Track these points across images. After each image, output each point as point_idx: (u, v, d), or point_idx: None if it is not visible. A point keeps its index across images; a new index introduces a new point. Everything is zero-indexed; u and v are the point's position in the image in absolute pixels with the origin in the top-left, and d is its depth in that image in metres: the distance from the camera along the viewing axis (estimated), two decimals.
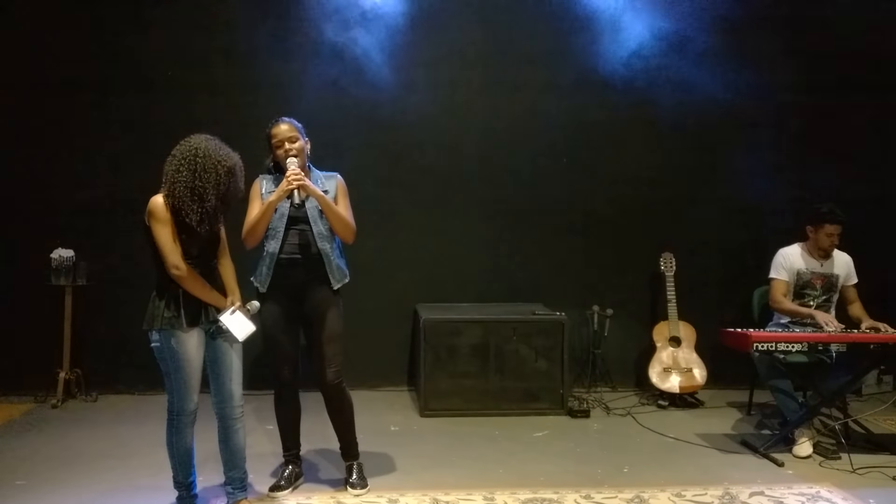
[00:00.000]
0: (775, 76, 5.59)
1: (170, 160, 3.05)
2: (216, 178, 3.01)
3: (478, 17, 5.44)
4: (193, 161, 3.00)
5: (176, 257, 3.01)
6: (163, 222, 3.01)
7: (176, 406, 3.12)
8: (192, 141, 3.07)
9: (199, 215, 3.00)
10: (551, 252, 5.58)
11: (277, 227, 3.45)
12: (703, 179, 5.63)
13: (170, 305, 3.05)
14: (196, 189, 2.98)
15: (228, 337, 3.17)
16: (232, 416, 3.24)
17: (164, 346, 3.07)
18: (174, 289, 3.06)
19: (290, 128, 3.48)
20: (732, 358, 4.70)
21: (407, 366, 5.55)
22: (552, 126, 5.50)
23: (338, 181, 3.63)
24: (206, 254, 3.17)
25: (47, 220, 5.18)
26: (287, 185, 3.33)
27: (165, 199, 3.02)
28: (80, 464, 3.95)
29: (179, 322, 3.04)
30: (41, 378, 5.09)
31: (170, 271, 3.02)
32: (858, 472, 3.91)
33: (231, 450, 3.27)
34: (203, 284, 3.11)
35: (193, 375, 3.10)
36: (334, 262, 3.52)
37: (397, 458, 4.07)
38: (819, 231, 4.51)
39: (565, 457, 4.16)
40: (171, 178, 3.01)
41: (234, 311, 3.17)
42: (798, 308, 4.51)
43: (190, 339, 3.07)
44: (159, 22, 5.21)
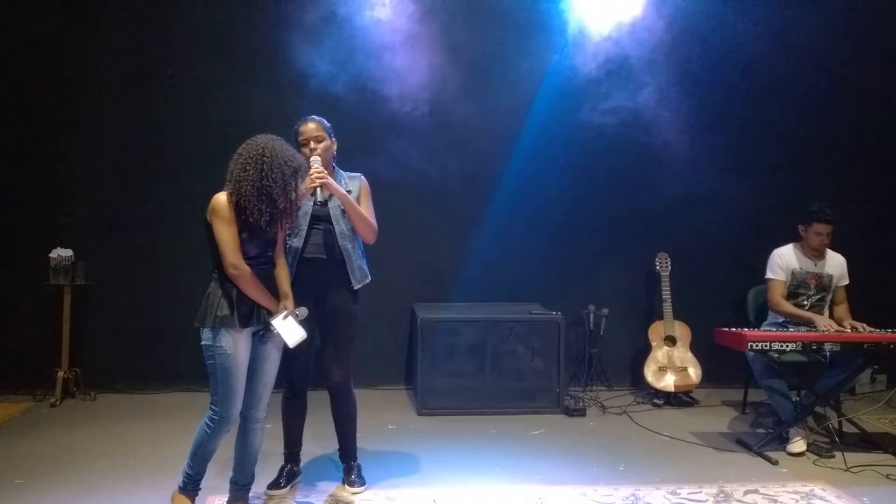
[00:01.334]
0: (771, 75, 5.62)
1: (235, 158, 3.03)
2: (283, 178, 3.00)
3: (473, 16, 5.46)
4: (260, 160, 2.98)
5: (236, 256, 2.99)
6: (225, 220, 2.99)
7: (220, 412, 3.07)
8: (258, 140, 3.05)
9: (269, 215, 2.98)
10: (547, 252, 5.61)
11: (301, 225, 3.44)
12: (697, 179, 5.65)
13: (224, 304, 3.02)
14: (264, 188, 2.96)
15: (277, 342, 3.15)
16: (255, 418, 3.23)
17: (214, 345, 3.02)
18: (229, 288, 3.04)
19: (317, 126, 3.48)
20: (727, 357, 4.73)
21: (404, 365, 5.57)
22: (548, 126, 5.51)
23: (361, 182, 3.64)
24: (263, 255, 3.14)
25: (46, 219, 5.19)
26: (310, 183, 3.32)
27: (229, 197, 2.99)
28: (79, 463, 3.96)
29: (232, 321, 3.01)
30: (40, 377, 5.09)
31: (228, 270, 2.99)
32: (852, 470, 3.94)
33: (246, 450, 3.26)
34: (259, 286, 3.07)
35: (240, 378, 3.07)
36: (355, 262, 3.53)
37: (395, 457, 4.10)
38: (809, 230, 4.54)
39: (561, 455, 4.18)
40: (236, 177, 2.99)
41: (286, 316, 3.13)
42: (798, 311, 4.53)
43: (240, 340, 3.04)
44: (160, 21, 5.22)
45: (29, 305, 5.18)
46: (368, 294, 5.25)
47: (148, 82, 5.25)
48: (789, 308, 4.56)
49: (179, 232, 4.93)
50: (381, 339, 5.47)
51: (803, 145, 5.67)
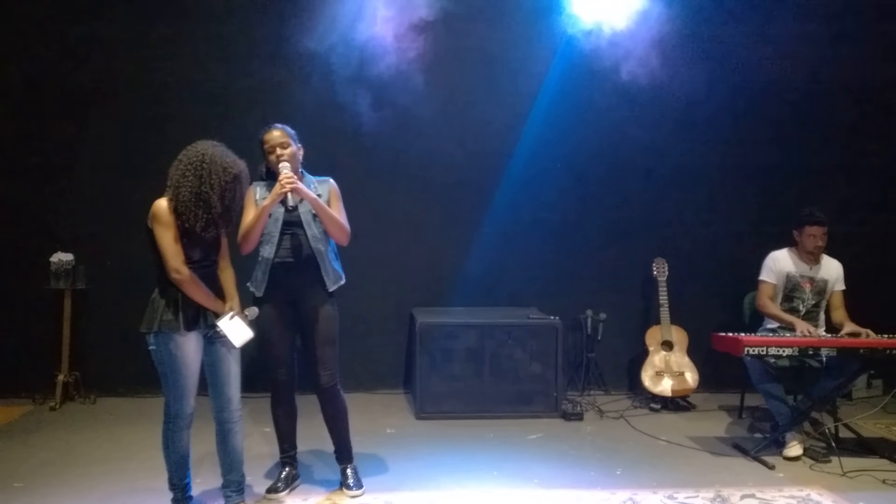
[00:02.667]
0: (770, 79, 5.64)
1: (175, 164, 3.07)
2: (222, 184, 3.03)
3: (474, 21, 5.47)
4: (200, 166, 3.02)
5: (177, 261, 3.03)
6: (165, 226, 3.03)
7: (172, 409, 3.14)
8: (198, 146, 3.09)
9: (205, 221, 3.02)
10: (546, 256, 5.63)
11: (272, 232, 3.48)
12: (695, 184, 5.68)
13: (168, 309, 3.07)
14: (202, 194, 3.00)
15: (226, 342, 3.20)
16: (230, 419, 3.27)
17: (161, 349, 3.08)
18: (173, 292, 3.08)
19: (281, 133, 3.51)
20: (724, 362, 4.74)
21: (403, 369, 5.58)
22: (546, 131, 5.53)
23: (330, 186, 3.66)
24: (206, 258, 3.19)
25: (47, 223, 5.22)
26: (280, 189, 3.35)
27: (169, 203, 3.03)
28: (78, 466, 3.98)
29: (177, 325, 3.06)
30: (40, 381, 5.12)
31: (170, 275, 3.04)
32: (848, 475, 3.95)
33: (229, 453, 3.30)
34: (203, 289, 3.13)
35: (190, 379, 3.12)
36: (329, 265, 3.55)
37: (393, 461, 4.11)
38: (803, 234, 4.57)
39: (559, 459, 4.19)
40: (175, 183, 3.03)
41: (232, 317, 3.19)
42: (781, 314, 4.58)
43: (187, 343, 3.09)
44: (161, 24, 5.24)
45: (29, 309, 5.20)
46: (367, 298, 5.30)
47: (150, 86, 5.28)
48: (773, 310, 4.60)
49: None
50: (379, 344, 5.48)
51: (801, 150, 5.69)
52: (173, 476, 3.23)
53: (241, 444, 3.32)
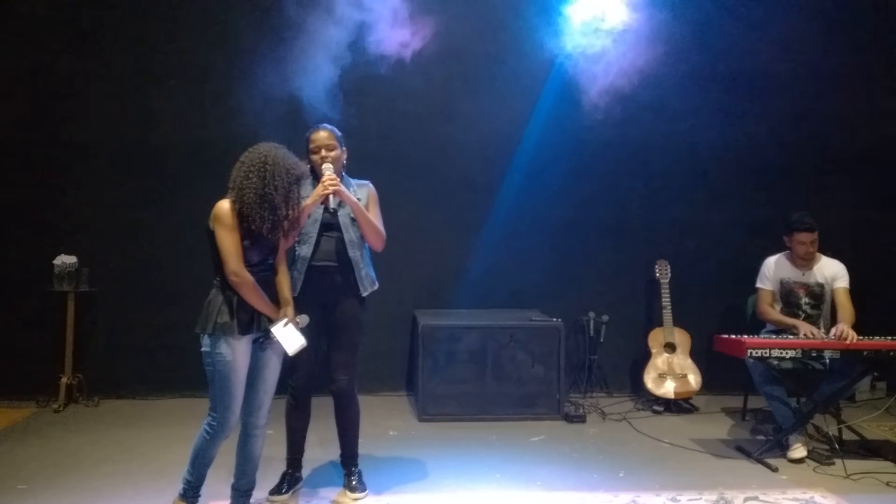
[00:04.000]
0: (771, 81, 5.65)
1: (238, 166, 3.05)
2: (286, 186, 3.02)
3: (477, 20, 5.48)
4: (263, 168, 3.00)
5: (237, 264, 3.00)
6: (228, 227, 3.00)
7: (219, 418, 3.08)
8: (260, 148, 3.07)
9: (271, 223, 3.00)
10: (548, 259, 5.63)
11: (310, 233, 3.47)
12: (697, 187, 5.68)
13: (224, 311, 3.03)
14: (266, 196, 2.98)
15: (277, 349, 3.17)
16: (256, 424, 3.24)
17: (213, 352, 3.04)
18: (230, 295, 3.05)
19: (329, 135, 3.50)
20: (727, 364, 4.73)
21: (405, 371, 5.59)
22: (548, 133, 5.54)
23: (369, 190, 3.66)
24: (264, 262, 3.16)
25: (50, 226, 5.23)
26: (323, 190, 3.35)
27: (232, 205, 3.01)
28: (82, 468, 3.98)
29: (232, 328, 3.02)
30: (43, 383, 5.13)
31: (229, 277, 3.01)
32: (852, 477, 3.95)
33: (247, 457, 3.28)
34: (259, 293, 3.08)
35: (238, 384, 3.08)
36: (364, 270, 3.55)
37: (395, 463, 4.12)
38: (792, 240, 4.56)
39: (562, 461, 4.20)
40: (239, 185, 3.01)
41: (286, 324, 3.14)
42: (783, 318, 4.56)
43: (239, 347, 3.06)
44: (163, 26, 5.26)
45: (33, 312, 5.21)
46: (370, 301, 5.27)
47: (153, 88, 5.29)
48: (774, 315, 4.60)
49: (183, 239, 4.95)
50: (382, 346, 5.48)
51: (803, 152, 5.69)
52: (192, 475, 3.19)
53: (259, 452, 3.30)
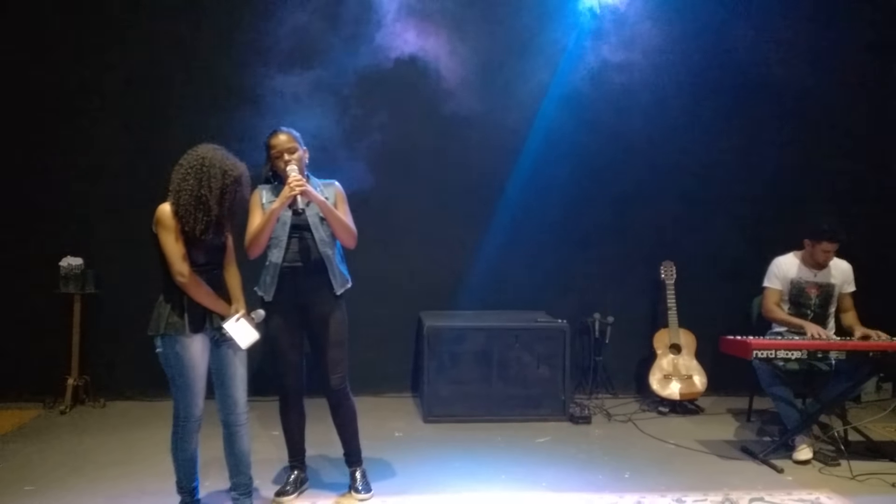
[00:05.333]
0: (777, 82, 5.62)
1: (177, 168, 3.10)
2: (221, 187, 3.06)
3: (482, 20, 5.48)
4: (200, 170, 3.05)
5: (181, 264, 3.06)
6: (169, 230, 3.06)
7: (181, 412, 3.17)
8: (198, 150, 3.11)
9: (204, 224, 3.04)
10: (553, 260, 5.62)
11: (280, 236, 3.49)
12: (703, 188, 5.67)
13: (174, 312, 3.10)
14: (202, 198, 3.03)
15: (232, 345, 3.22)
16: (237, 422, 3.28)
17: (168, 352, 3.11)
18: (179, 295, 3.11)
19: (288, 138, 3.51)
20: (732, 365, 4.72)
21: (411, 372, 5.59)
22: (554, 134, 5.54)
23: (336, 188, 3.67)
24: (212, 262, 3.22)
25: (56, 228, 5.24)
26: (289, 192, 3.36)
27: (172, 207, 3.06)
28: (88, 470, 4.00)
29: (183, 328, 3.08)
30: (50, 384, 5.14)
31: (175, 278, 3.06)
32: (858, 478, 3.95)
33: (236, 456, 3.32)
34: (208, 292, 3.15)
35: (198, 381, 3.15)
36: (336, 268, 3.56)
37: (401, 464, 4.12)
38: (816, 246, 4.52)
39: (567, 463, 4.20)
40: (176, 187, 3.06)
41: (238, 319, 3.21)
42: (789, 318, 4.56)
43: (194, 345, 3.11)
44: (169, 32, 5.26)
45: (39, 313, 5.22)
46: (375, 302, 5.31)
47: (160, 92, 5.29)
48: (780, 314, 4.59)
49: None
50: (387, 347, 5.48)
51: (808, 153, 5.68)
52: (181, 479, 3.26)
53: (247, 447, 3.34)
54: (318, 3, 5.30)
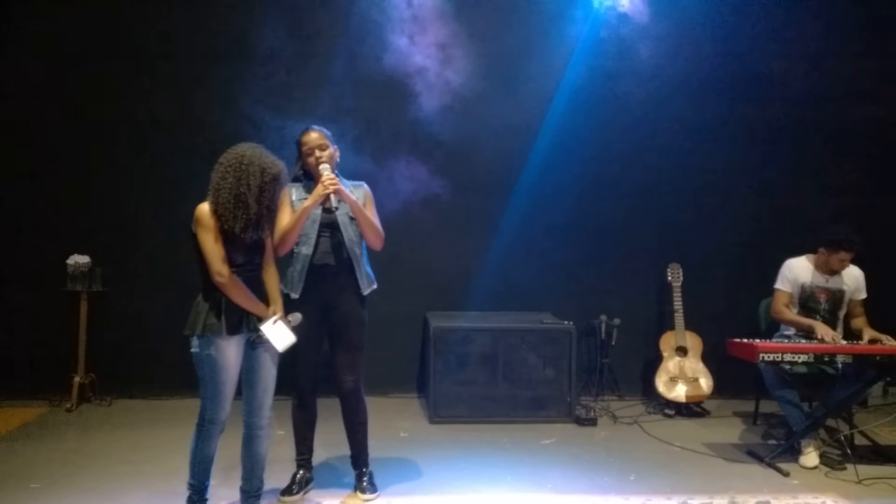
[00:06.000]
0: (785, 85, 5.63)
1: (216, 168, 3.07)
2: (260, 185, 3.03)
3: (489, 20, 5.48)
4: (238, 168, 3.02)
5: (220, 264, 3.02)
6: (208, 229, 3.02)
7: (208, 414, 3.12)
8: (237, 149, 3.09)
9: (244, 222, 3.01)
10: (560, 262, 5.62)
11: (309, 233, 3.48)
12: (710, 190, 5.66)
13: (212, 312, 3.06)
14: (241, 196, 3.00)
15: (268, 347, 3.19)
16: (259, 425, 3.26)
17: (202, 353, 3.06)
18: (217, 296, 3.07)
19: (319, 135, 3.51)
20: (739, 368, 4.72)
21: (417, 373, 5.59)
22: (561, 136, 5.53)
23: (365, 190, 3.67)
24: (250, 262, 3.17)
25: (63, 226, 5.25)
26: (323, 190, 3.36)
27: (211, 206, 3.03)
28: (95, 468, 4.00)
29: (220, 329, 3.04)
30: (56, 382, 5.15)
31: (213, 278, 3.02)
32: (864, 482, 3.93)
33: (252, 457, 3.30)
34: (246, 292, 3.11)
35: (229, 384, 3.10)
36: (364, 268, 3.57)
37: (407, 465, 4.12)
38: (833, 256, 4.47)
39: (573, 464, 4.19)
40: (215, 186, 3.03)
41: (275, 321, 3.16)
42: (798, 318, 4.54)
43: (229, 347, 3.08)
44: (180, 30, 5.29)
45: (46, 311, 5.23)
46: (381, 302, 5.27)
47: (167, 90, 5.31)
48: (790, 316, 4.57)
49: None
50: (393, 348, 5.48)
51: (817, 156, 5.67)
52: (194, 477, 3.22)
53: (265, 451, 3.32)
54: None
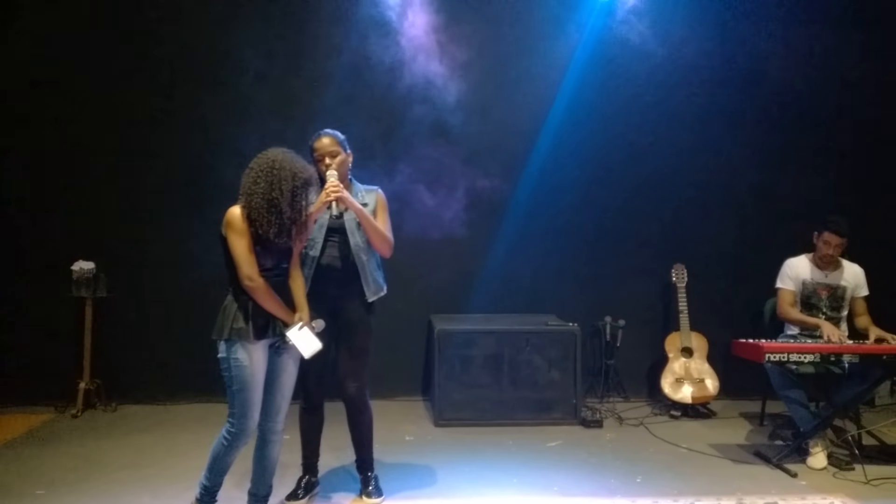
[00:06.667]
0: (792, 87, 5.61)
1: (247, 172, 3.07)
2: (292, 189, 3.03)
3: (489, 21, 5.48)
4: (270, 172, 3.02)
5: (251, 268, 3.02)
6: (239, 233, 3.02)
7: (237, 425, 3.09)
8: (269, 153, 3.09)
9: (278, 227, 3.01)
10: (564, 263, 5.61)
11: (316, 238, 3.48)
12: (714, 190, 5.65)
13: (239, 317, 3.06)
14: (273, 200, 3.00)
15: (293, 353, 3.18)
16: (274, 430, 3.25)
17: (230, 357, 3.06)
18: (245, 300, 3.07)
19: (331, 141, 3.50)
20: (745, 368, 4.70)
21: (421, 376, 5.59)
22: (564, 137, 5.52)
23: (378, 195, 3.66)
24: (279, 266, 3.17)
25: (68, 232, 5.26)
26: (325, 198, 3.35)
27: (243, 211, 3.03)
28: (100, 474, 4.00)
29: (248, 334, 3.04)
30: (61, 388, 5.15)
31: (243, 282, 3.03)
32: (872, 483, 3.91)
33: (264, 462, 3.29)
34: (274, 298, 3.11)
35: (256, 390, 3.09)
36: (370, 275, 3.55)
37: (412, 468, 4.11)
38: (820, 238, 4.52)
39: (579, 467, 4.18)
40: (248, 190, 3.03)
41: (301, 327, 3.16)
42: (805, 317, 4.53)
43: (256, 353, 3.07)
44: (186, 39, 5.29)
45: (51, 317, 5.24)
46: (385, 305, 5.26)
47: (173, 96, 5.31)
48: (796, 315, 4.56)
49: (200, 245, 4.96)
50: (398, 351, 5.47)
51: (820, 156, 5.64)
52: (210, 480, 3.19)
53: (276, 456, 3.31)
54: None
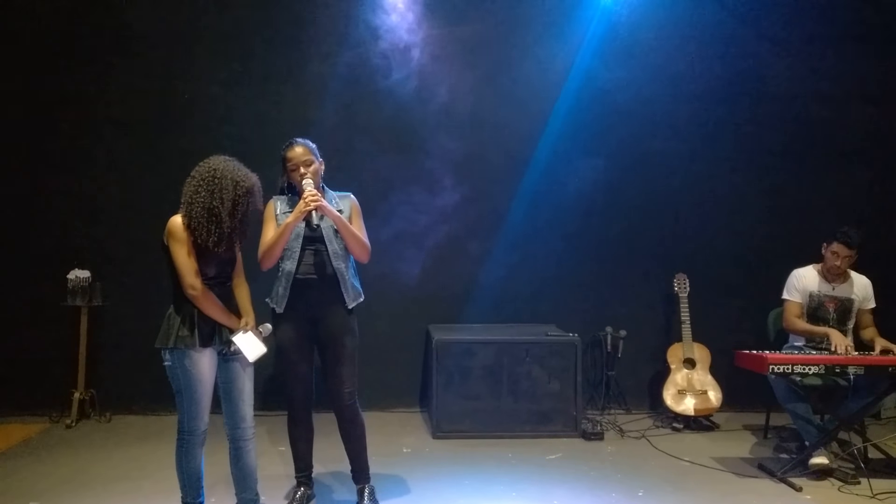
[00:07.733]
0: (794, 97, 5.59)
1: (189, 181, 3.08)
2: (233, 198, 3.04)
3: (490, 26, 5.46)
4: (211, 181, 3.03)
5: (192, 277, 3.04)
6: (180, 242, 3.04)
7: (186, 426, 3.14)
8: (210, 162, 3.10)
9: (217, 236, 3.02)
10: (564, 273, 5.57)
11: (293, 248, 3.46)
12: (716, 199, 5.62)
13: (184, 325, 3.07)
14: (213, 209, 3.01)
15: (240, 358, 3.19)
16: (244, 437, 3.25)
17: (176, 365, 3.08)
18: (189, 308, 3.09)
19: (304, 150, 3.49)
20: (748, 380, 4.66)
21: (419, 387, 5.54)
22: (564, 145, 5.50)
23: (351, 201, 3.64)
24: (222, 274, 3.19)
25: (64, 241, 5.24)
26: (304, 207, 3.34)
27: (183, 219, 3.04)
28: (94, 484, 3.96)
29: (193, 342, 3.06)
30: (56, 398, 5.12)
31: (186, 291, 3.05)
32: (878, 497, 3.85)
33: (243, 471, 3.28)
34: (218, 305, 3.13)
35: (205, 396, 3.12)
36: (349, 282, 3.53)
37: (409, 481, 4.06)
38: (828, 248, 4.48)
39: (579, 480, 4.12)
40: (188, 199, 3.05)
41: (246, 332, 3.19)
42: (812, 327, 4.48)
43: (202, 359, 3.09)
44: (181, 45, 5.29)
45: (46, 326, 5.21)
46: (383, 315, 5.26)
47: (168, 106, 5.30)
48: (803, 325, 4.51)
49: None
50: (395, 361, 5.44)
51: (825, 165, 5.62)
52: (187, 495, 3.22)
53: (254, 463, 3.31)
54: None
